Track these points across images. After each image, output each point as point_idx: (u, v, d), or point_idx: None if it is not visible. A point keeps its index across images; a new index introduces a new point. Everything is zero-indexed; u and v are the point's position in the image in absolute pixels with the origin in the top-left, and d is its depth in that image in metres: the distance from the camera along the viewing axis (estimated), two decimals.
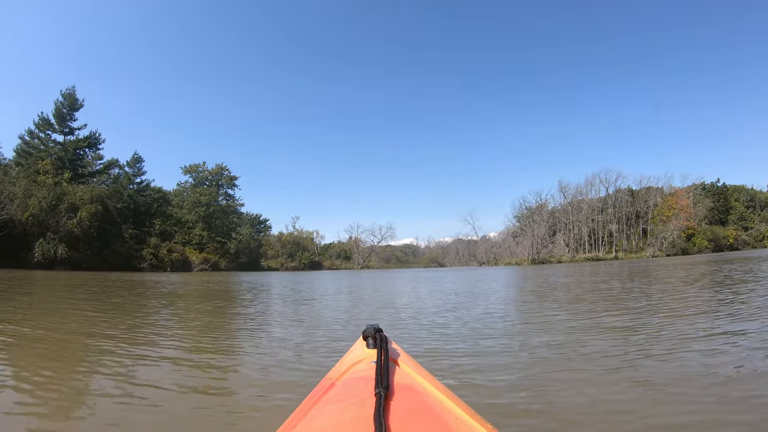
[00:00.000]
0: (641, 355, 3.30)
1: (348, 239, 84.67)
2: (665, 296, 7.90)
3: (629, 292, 8.94)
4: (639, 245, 61.94)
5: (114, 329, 5.12)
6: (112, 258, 35.51)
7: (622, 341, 3.90)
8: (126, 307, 8.19)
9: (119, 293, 11.67)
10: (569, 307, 7.02)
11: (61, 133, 41.57)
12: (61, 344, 4.19)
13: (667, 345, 3.60)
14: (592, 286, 11.85)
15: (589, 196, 66.91)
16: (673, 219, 59.02)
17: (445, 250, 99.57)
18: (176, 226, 52.49)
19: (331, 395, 0.72)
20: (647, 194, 62.74)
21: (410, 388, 0.71)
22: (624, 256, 58.12)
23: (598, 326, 4.82)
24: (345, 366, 0.86)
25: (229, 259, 54.21)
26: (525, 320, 5.75)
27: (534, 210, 70.39)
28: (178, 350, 4.04)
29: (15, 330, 4.93)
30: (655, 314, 5.51)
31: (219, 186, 58.68)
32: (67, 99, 42.15)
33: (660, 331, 4.28)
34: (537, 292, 10.48)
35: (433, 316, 6.26)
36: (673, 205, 60.48)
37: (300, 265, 67.41)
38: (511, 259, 66.96)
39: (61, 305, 8.28)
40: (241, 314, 7.59)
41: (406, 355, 0.92)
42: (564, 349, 3.66)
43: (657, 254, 56.96)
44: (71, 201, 33.45)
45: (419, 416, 0.62)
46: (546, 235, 66.51)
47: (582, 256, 60.67)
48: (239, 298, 11.19)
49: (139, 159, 51.54)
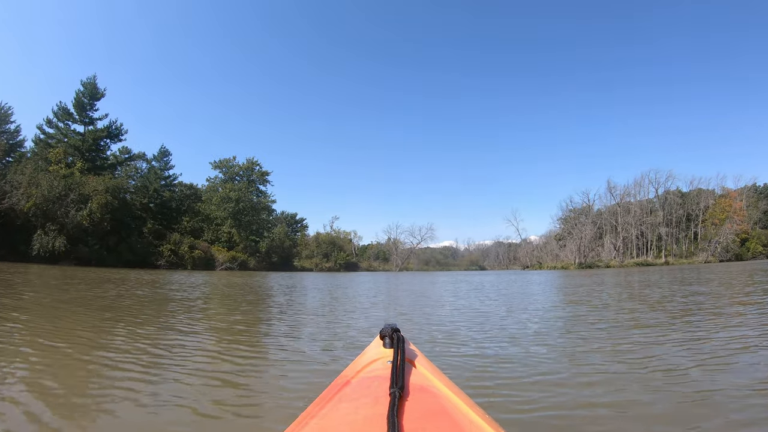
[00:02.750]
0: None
1: (387, 240, 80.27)
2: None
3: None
4: (690, 250, 58.28)
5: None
6: (126, 254, 32.04)
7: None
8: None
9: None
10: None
11: (81, 123, 39.14)
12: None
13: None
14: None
15: (638, 198, 62.73)
16: (727, 222, 54.85)
17: (484, 252, 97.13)
18: (204, 223, 49.27)
19: (345, 393, 0.71)
20: (698, 196, 59.04)
21: (425, 390, 0.69)
22: (675, 262, 54.26)
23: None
24: (361, 365, 0.84)
25: (259, 258, 50.17)
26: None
27: (580, 211, 66.05)
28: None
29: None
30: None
31: (250, 182, 55.19)
32: (88, 88, 39.75)
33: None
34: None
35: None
36: (726, 208, 56.27)
37: (335, 265, 62.68)
38: (557, 263, 61.92)
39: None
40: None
41: (422, 357, 0.89)
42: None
43: (710, 260, 52.99)
44: (82, 192, 30.23)
45: (433, 417, 0.61)
46: (593, 238, 61.63)
47: (631, 260, 56.61)
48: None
49: (166, 152, 48.90)
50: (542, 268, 61.09)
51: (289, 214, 71.81)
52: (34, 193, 27.24)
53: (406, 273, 53.06)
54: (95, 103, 40.15)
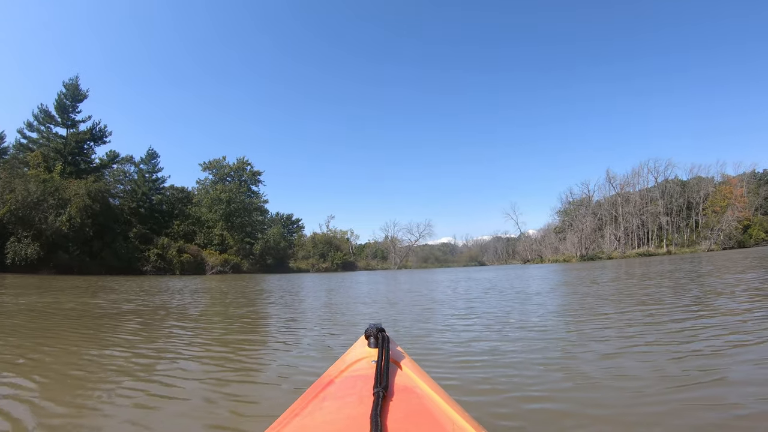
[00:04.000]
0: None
1: (384, 238, 79.44)
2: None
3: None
4: (691, 239, 57.55)
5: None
6: (111, 260, 30.91)
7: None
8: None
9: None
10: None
11: (63, 126, 37.95)
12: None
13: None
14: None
15: (637, 188, 62.00)
16: (728, 210, 54.13)
17: (483, 248, 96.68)
18: (195, 226, 48.11)
19: (329, 392, 0.71)
20: (699, 184, 58.23)
21: (409, 390, 0.69)
22: (677, 251, 53.14)
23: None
24: (345, 364, 0.83)
25: (253, 260, 49.03)
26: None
27: (580, 202, 65.16)
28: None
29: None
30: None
31: (241, 182, 54.02)
32: (70, 89, 38.55)
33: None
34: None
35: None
36: (727, 195, 55.59)
37: (332, 265, 61.56)
38: (558, 256, 61.38)
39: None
40: None
41: (407, 357, 0.87)
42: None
43: (712, 248, 52.44)
44: (62, 196, 29.06)
45: (416, 418, 0.61)
46: (594, 229, 60.95)
47: (633, 251, 55.84)
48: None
49: (154, 155, 47.68)
50: (543, 262, 60.39)
51: (285, 215, 70.77)
52: (8, 199, 26.08)
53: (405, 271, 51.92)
54: (78, 105, 38.96)
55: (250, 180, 54.88)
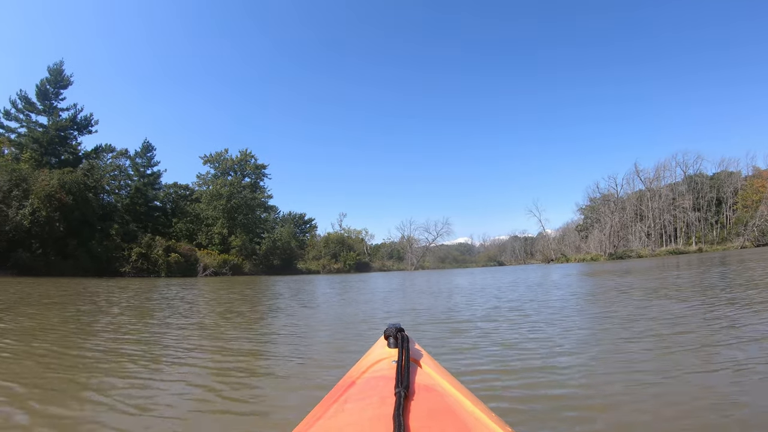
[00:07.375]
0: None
1: (400, 238, 74.69)
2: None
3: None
4: (722, 235, 54.50)
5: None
6: (84, 260, 27.10)
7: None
8: None
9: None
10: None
11: (44, 114, 34.59)
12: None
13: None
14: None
15: (665, 182, 58.68)
16: (762, 205, 50.31)
17: (501, 248, 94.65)
18: (193, 224, 44.31)
19: (351, 393, 0.70)
20: (729, 178, 54.95)
21: (431, 389, 0.69)
22: (708, 248, 50.36)
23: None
24: (366, 365, 0.82)
25: (256, 261, 44.87)
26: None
27: (605, 198, 61.37)
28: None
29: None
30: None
31: (244, 176, 50.05)
32: (53, 74, 35.22)
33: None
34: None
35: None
36: (760, 189, 51.73)
37: (345, 266, 56.93)
38: (584, 255, 56.49)
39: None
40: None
41: (428, 356, 0.86)
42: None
43: (746, 245, 49.16)
44: (30, 188, 25.42)
45: (438, 417, 0.60)
46: (621, 226, 57.64)
47: (663, 249, 52.71)
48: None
49: (149, 147, 44.08)
50: (568, 261, 55.83)
51: (297, 214, 66.85)
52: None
53: (423, 272, 47.04)
54: (61, 91, 35.62)
55: (254, 174, 50.85)
